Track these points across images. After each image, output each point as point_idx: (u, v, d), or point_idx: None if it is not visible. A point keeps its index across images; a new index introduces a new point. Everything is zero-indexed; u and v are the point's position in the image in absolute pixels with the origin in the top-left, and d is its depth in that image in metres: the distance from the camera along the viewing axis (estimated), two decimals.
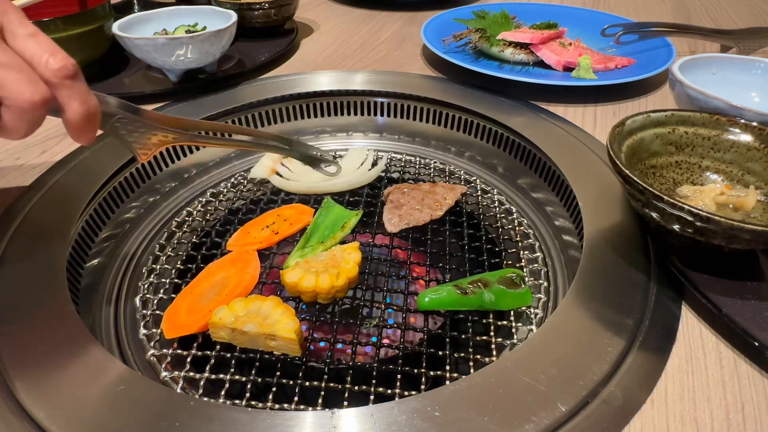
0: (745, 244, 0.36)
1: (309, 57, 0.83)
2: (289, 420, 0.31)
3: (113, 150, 0.57)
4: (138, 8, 0.99)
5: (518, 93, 0.68)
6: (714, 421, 0.31)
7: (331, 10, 1.09)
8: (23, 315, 0.38)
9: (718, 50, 0.82)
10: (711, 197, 0.43)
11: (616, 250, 0.43)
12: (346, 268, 0.45)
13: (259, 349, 0.41)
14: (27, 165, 0.55)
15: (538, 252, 0.53)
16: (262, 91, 0.70)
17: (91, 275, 0.50)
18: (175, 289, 0.48)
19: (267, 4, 0.85)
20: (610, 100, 0.68)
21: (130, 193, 0.57)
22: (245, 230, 0.54)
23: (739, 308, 0.36)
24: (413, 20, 1.02)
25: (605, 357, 0.34)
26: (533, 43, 0.74)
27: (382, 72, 0.76)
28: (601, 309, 0.38)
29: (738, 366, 0.35)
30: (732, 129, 0.46)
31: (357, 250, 0.47)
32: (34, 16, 0.66)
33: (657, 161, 0.47)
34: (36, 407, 0.32)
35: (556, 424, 0.31)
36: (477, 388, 0.32)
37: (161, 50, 0.65)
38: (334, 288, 0.44)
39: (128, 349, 0.45)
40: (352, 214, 0.55)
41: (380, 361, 0.41)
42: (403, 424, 0.30)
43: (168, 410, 0.31)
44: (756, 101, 0.55)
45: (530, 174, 0.61)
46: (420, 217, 0.55)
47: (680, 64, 0.54)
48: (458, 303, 0.43)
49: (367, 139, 0.73)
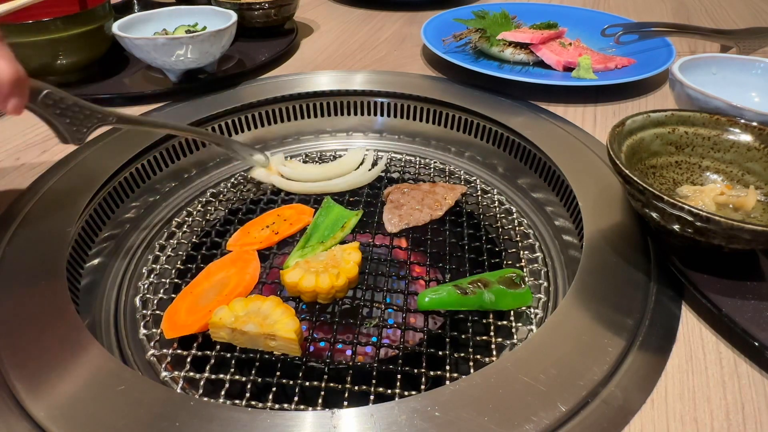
0: (745, 244, 0.36)
1: (309, 57, 0.83)
2: (289, 420, 0.31)
3: (113, 150, 0.57)
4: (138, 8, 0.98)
5: (518, 93, 0.68)
6: (714, 421, 0.31)
7: (331, 10, 1.09)
8: (23, 315, 0.38)
9: (718, 50, 0.82)
10: (711, 197, 0.43)
11: (616, 250, 0.43)
12: (346, 268, 0.45)
13: (259, 349, 0.41)
14: (27, 165, 0.55)
15: (538, 252, 0.53)
16: (262, 91, 0.70)
17: (91, 275, 0.50)
18: (175, 289, 0.48)
19: (267, 4, 0.85)
20: (610, 100, 0.68)
21: (130, 193, 0.57)
22: (245, 230, 0.54)
23: (739, 308, 0.36)
24: (413, 20, 1.01)
25: (605, 357, 0.34)
26: (533, 43, 0.74)
27: (382, 72, 0.76)
28: (601, 309, 0.38)
29: (738, 366, 0.35)
30: (732, 129, 0.46)
31: (357, 250, 0.47)
32: (34, 16, 0.66)
33: (657, 161, 0.47)
34: (36, 407, 0.32)
35: (556, 424, 0.31)
36: (477, 388, 0.32)
37: (161, 50, 0.65)
38: (334, 288, 0.44)
39: (128, 349, 0.45)
40: (352, 214, 0.55)
41: (380, 361, 0.41)
42: (403, 424, 0.30)
43: (168, 410, 0.31)
44: (756, 101, 0.55)
45: (530, 174, 0.61)
46: (420, 217, 0.55)
47: (680, 64, 0.54)
48: (458, 303, 0.43)
49: (367, 139, 0.73)
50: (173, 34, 0.76)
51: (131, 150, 0.57)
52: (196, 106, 0.67)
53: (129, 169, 0.57)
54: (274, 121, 0.71)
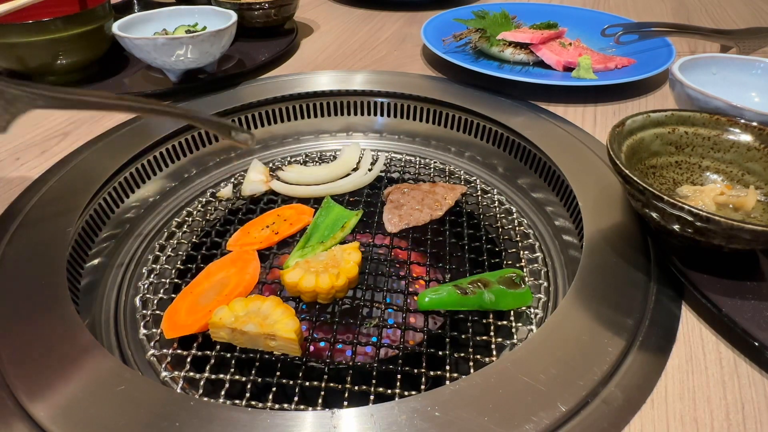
0: (745, 244, 0.36)
1: (309, 57, 0.83)
2: (289, 420, 0.31)
3: (113, 150, 0.57)
4: (138, 8, 0.98)
5: (518, 93, 0.68)
6: (714, 421, 0.31)
7: (331, 10, 1.09)
8: (23, 315, 0.38)
9: (718, 50, 0.82)
10: (711, 197, 0.43)
11: (616, 250, 0.43)
12: (346, 268, 0.45)
13: (259, 349, 0.41)
14: (27, 165, 0.55)
15: (538, 252, 0.53)
16: (262, 91, 0.70)
17: (91, 275, 0.50)
18: (175, 289, 0.48)
19: (267, 4, 0.85)
20: (610, 100, 0.68)
21: (130, 193, 0.57)
22: (245, 230, 0.54)
23: (739, 308, 0.36)
24: (413, 20, 1.01)
25: (605, 357, 0.34)
26: (533, 43, 0.74)
27: (382, 72, 0.76)
28: (601, 309, 0.38)
29: (738, 366, 0.35)
30: (732, 129, 0.46)
31: (357, 250, 0.47)
32: (34, 15, 0.66)
33: (657, 161, 0.47)
34: (36, 407, 0.32)
35: (556, 424, 0.31)
36: (477, 388, 0.32)
37: (161, 50, 0.65)
38: (334, 288, 0.44)
39: (128, 349, 0.45)
40: (352, 215, 0.55)
41: (380, 361, 0.41)
42: (403, 424, 0.30)
43: (168, 410, 0.31)
44: (756, 101, 0.55)
45: (530, 174, 0.61)
46: (420, 217, 0.55)
47: (680, 64, 0.54)
48: (458, 303, 0.43)
49: (367, 139, 0.73)
50: (173, 34, 0.76)
51: (131, 150, 0.57)
52: (196, 106, 0.67)
53: (129, 168, 0.57)
54: (274, 121, 0.71)
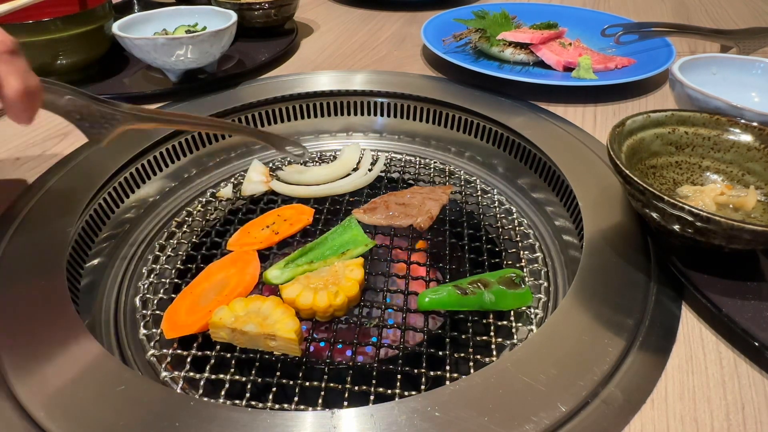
0: (745, 244, 0.36)
1: (309, 57, 0.83)
2: (289, 420, 0.31)
3: (113, 150, 0.57)
4: (138, 8, 0.99)
5: (518, 93, 0.68)
6: (714, 421, 0.31)
7: (331, 10, 1.09)
8: (23, 315, 0.38)
9: (718, 50, 0.82)
10: (711, 197, 0.43)
11: (616, 250, 0.43)
12: (346, 286, 0.43)
13: (259, 349, 0.41)
14: (27, 165, 0.55)
15: (538, 252, 0.53)
16: (262, 91, 0.70)
17: (91, 275, 0.50)
18: (175, 289, 0.48)
19: (267, 4, 0.85)
20: (610, 100, 0.68)
21: (129, 194, 0.57)
22: (245, 230, 0.54)
23: (739, 308, 0.36)
24: (413, 20, 1.01)
25: (605, 357, 0.34)
26: (533, 43, 0.74)
27: (382, 72, 0.76)
28: (601, 309, 0.38)
29: (738, 366, 0.35)
30: (732, 129, 0.46)
31: (360, 266, 0.45)
32: (34, 16, 0.66)
33: (657, 161, 0.47)
34: (36, 407, 0.32)
35: (556, 424, 0.31)
36: (477, 388, 0.32)
37: (161, 50, 0.64)
38: (332, 307, 0.42)
39: (128, 349, 0.45)
40: (363, 242, 0.50)
41: (380, 361, 0.41)
42: (403, 424, 0.30)
43: (168, 410, 0.31)
44: (756, 101, 0.55)
45: (530, 174, 0.61)
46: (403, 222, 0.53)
47: (680, 64, 0.54)
48: (458, 303, 0.43)
49: (367, 139, 0.73)
50: (173, 34, 0.76)
51: (131, 150, 0.57)
52: (196, 107, 0.67)
53: (129, 169, 0.57)
54: (274, 121, 0.71)
